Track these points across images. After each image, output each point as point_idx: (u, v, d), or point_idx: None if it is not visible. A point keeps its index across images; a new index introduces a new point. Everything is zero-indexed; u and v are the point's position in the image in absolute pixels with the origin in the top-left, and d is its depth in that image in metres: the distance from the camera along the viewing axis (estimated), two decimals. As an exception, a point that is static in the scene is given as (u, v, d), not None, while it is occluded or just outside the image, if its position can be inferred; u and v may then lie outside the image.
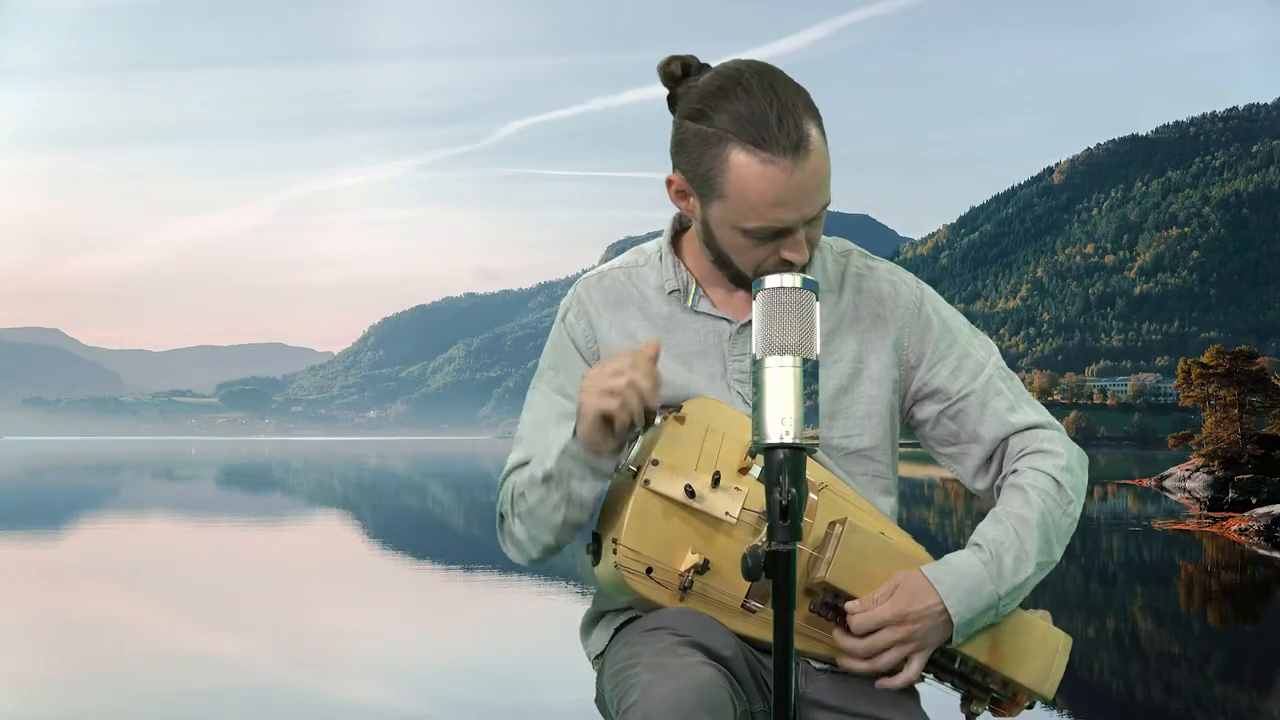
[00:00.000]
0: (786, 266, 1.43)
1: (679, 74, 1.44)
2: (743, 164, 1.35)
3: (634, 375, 1.35)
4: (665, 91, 1.47)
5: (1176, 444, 32.63)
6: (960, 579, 1.40)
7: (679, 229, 1.60)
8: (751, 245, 1.42)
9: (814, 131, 1.36)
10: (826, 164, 1.37)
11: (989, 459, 1.55)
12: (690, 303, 1.54)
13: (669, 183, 1.47)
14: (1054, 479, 1.49)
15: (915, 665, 1.40)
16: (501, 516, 1.56)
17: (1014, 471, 1.52)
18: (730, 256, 1.45)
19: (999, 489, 1.54)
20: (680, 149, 1.42)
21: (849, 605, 1.38)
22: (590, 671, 1.60)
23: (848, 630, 1.39)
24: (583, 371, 1.55)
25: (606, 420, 1.36)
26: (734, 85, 1.36)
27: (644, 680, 1.27)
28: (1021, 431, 1.54)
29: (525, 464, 1.52)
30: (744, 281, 1.48)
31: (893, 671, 1.40)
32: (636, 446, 1.48)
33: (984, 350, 1.58)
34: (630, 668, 1.32)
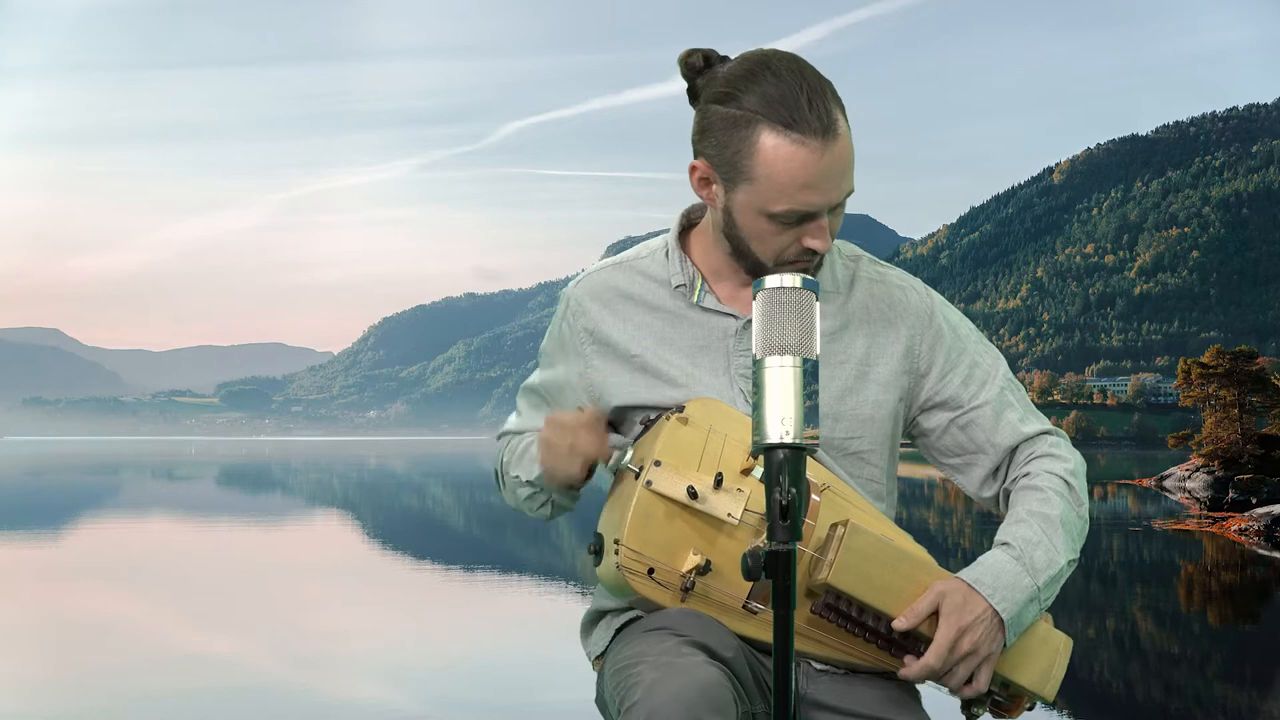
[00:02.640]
0: (808, 255, 1.43)
1: (700, 65, 1.44)
2: (772, 145, 1.35)
3: (576, 439, 1.43)
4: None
5: (1176, 444, 32.62)
6: (999, 577, 1.41)
7: (686, 224, 1.60)
8: (775, 231, 1.41)
9: (841, 117, 1.36)
10: (852, 150, 1.38)
11: (997, 469, 1.57)
12: (696, 298, 1.54)
13: (692, 169, 1.46)
14: (1065, 481, 1.51)
15: (984, 676, 1.40)
16: (499, 476, 1.69)
17: (1026, 474, 1.53)
18: (751, 244, 1.45)
19: (1007, 493, 1.56)
20: (705, 134, 1.41)
21: (896, 623, 1.38)
22: (590, 671, 1.59)
23: (852, 633, 1.39)
24: (571, 370, 1.60)
25: (553, 474, 1.47)
26: (762, 69, 1.36)
27: (648, 679, 1.27)
28: (1030, 439, 1.55)
29: (519, 433, 1.67)
30: (761, 273, 1.46)
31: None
32: (638, 446, 1.48)
33: (992, 359, 1.58)
34: (633, 667, 1.32)
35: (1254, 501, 20.02)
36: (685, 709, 1.22)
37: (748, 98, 1.36)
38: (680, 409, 1.42)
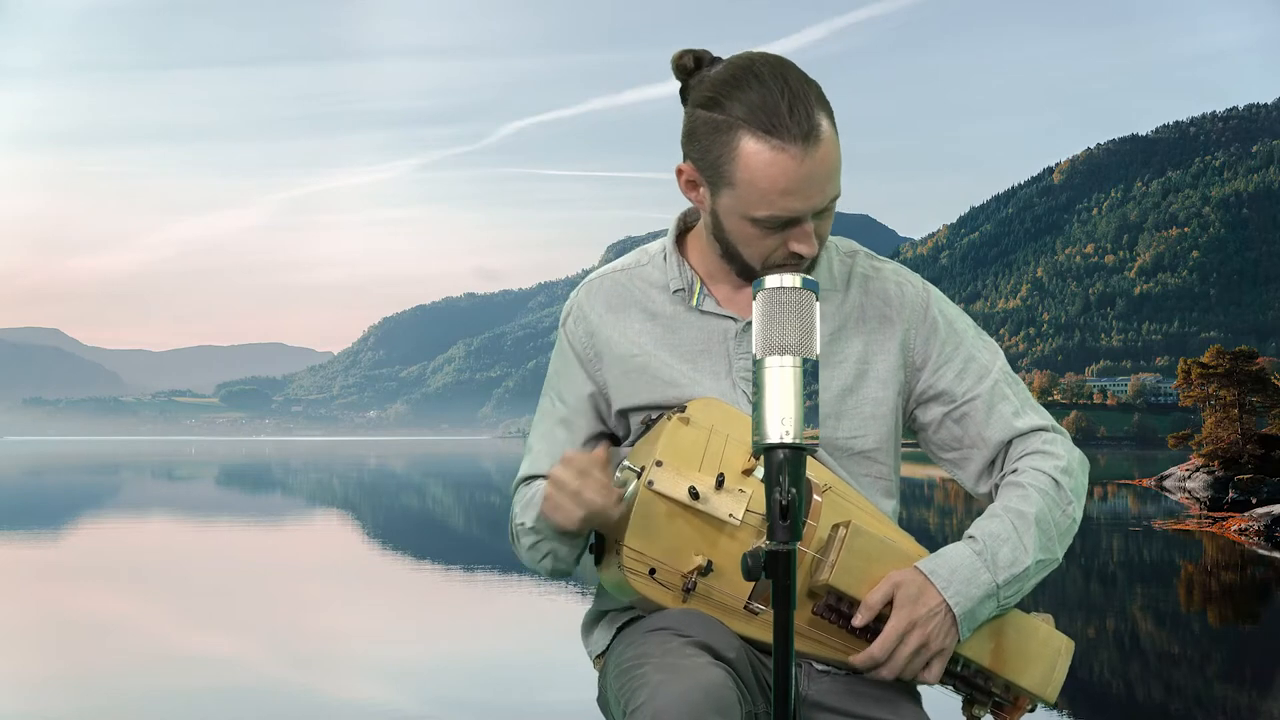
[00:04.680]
0: (795, 259, 1.43)
1: (691, 66, 1.44)
2: (753, 151, 1.35)
3: (584, 485, 1.38)
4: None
5: (1176, 444, 32.58)
6: (955, 570, 1.40)
7: (683, 228, 1.60)
8: (760, 235, 1.41)
9: (825, 122, 1.35)
10: (837, 155, 1.38)
11: (991, 463, 1.55)
12: (695, 302, 1.54)
13: (679, 172, 1.47)
14: (1053, 478, 1.49)
15: (936, 668, 1.39)
16: (513, 530, 1.61)
17: (1014, 470, 1.52)
18: (738, 248, 1.45)
19: (997, 488, 1.54)
20: (691, 137, 1.42)
21: (855, 620, 1.38)
22: (591, 671, 1.60)
23: (853, 634, 1.40)
24: (581, 377, 1.58)
25: (552, 515, 1.42)
26: (746, 74, 1.37)
27: (653, 680, 1.27)
28: (1025, 435, 1.54)
29: (531, 479, 1.59)
30: (751, 275, 1.47)
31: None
32: (639, 446, 1.48)
33: (989, 353, 1.57)
34: (638, 667, 1.32)
35: (1254, 501, 20.01)
36: (690, 710, 1.22)
37: (731, 103, 1.36)
38: (682, 409, 1.42)
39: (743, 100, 1.35)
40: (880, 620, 1.39)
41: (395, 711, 4.84)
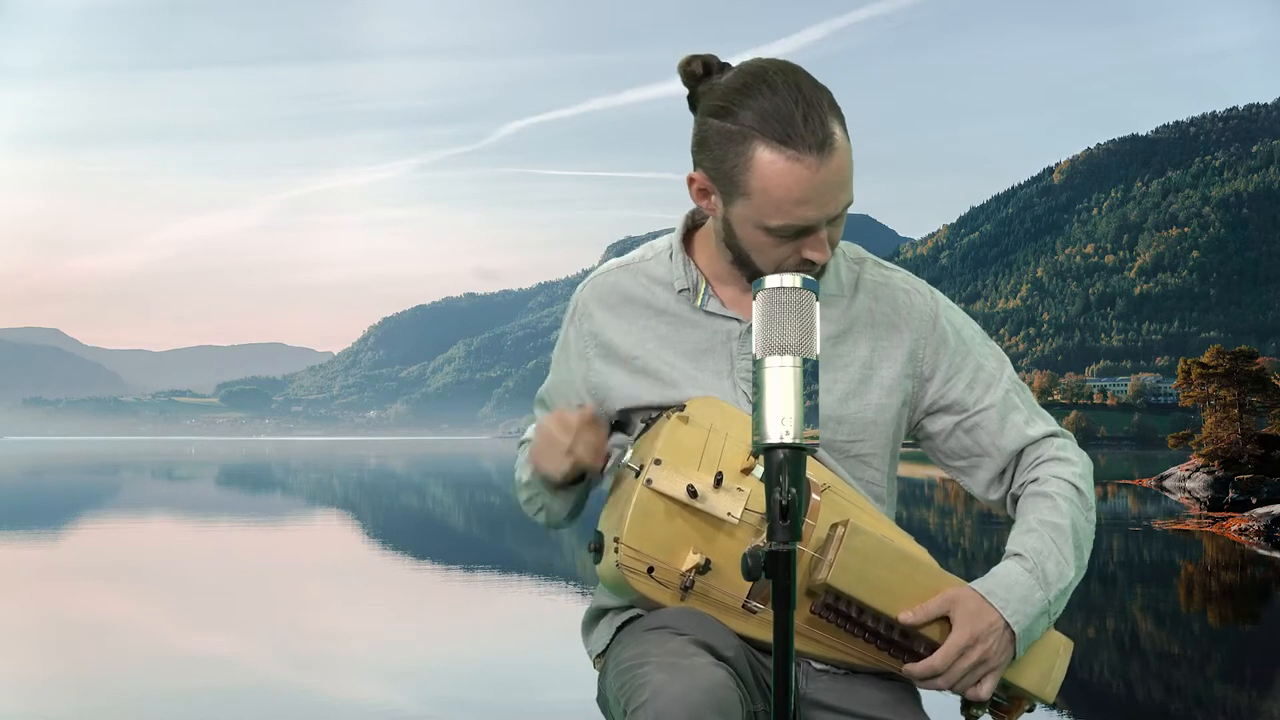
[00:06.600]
0: (808, 265, 1.43)
1: (700, 73, 1.43)
2: (768, 161, 1.34)
3: (575, 441, 1.45)
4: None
5: (1176, 444, 32.58)
6: (1011, 589, 1.41)
7: (691, 226, 1.60)
8: (774, 244, 1.41)
9: (838, 130, 1.35)
10: (850, 162, 1.38)
11: (1003, 471, 1.56)
12: (699, 302, 1.54)
13: (690, 181, 1.46)
14: (1074, 486, 1.51)
15: (988, 684, 1.40)
16: (515, 482, 1.72)
17: (1035, 480, 1.53)
18: (751, 255, 1.45)
19: (1014, 497, 1.56)
20: (703, 147, 1.41)
21: (903, 616, 1.39)
22: (591, 671, 1.59)
23: (851, 633, 1.40)
24: (571, 371, 1.61)
25: (540, 467, 1.51)
26: (759, 83, 1.36)
27: (655, 680, 1.27)
28: (1037, 441, 1.55)
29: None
30: None
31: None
32: (639, 445, 1.48)
33: (996, 361, 1.58)
34: (639, 667, 1.32)
35: (1254, 501, 20.01)
36: (691, 710, 1.22)
37: (743, 113, 1.35)
38: (681, 407, 1.42)
39: (755, 109, 1.34)
40: (907, 636, 1.40)
41: (395, 711, 4.84)
